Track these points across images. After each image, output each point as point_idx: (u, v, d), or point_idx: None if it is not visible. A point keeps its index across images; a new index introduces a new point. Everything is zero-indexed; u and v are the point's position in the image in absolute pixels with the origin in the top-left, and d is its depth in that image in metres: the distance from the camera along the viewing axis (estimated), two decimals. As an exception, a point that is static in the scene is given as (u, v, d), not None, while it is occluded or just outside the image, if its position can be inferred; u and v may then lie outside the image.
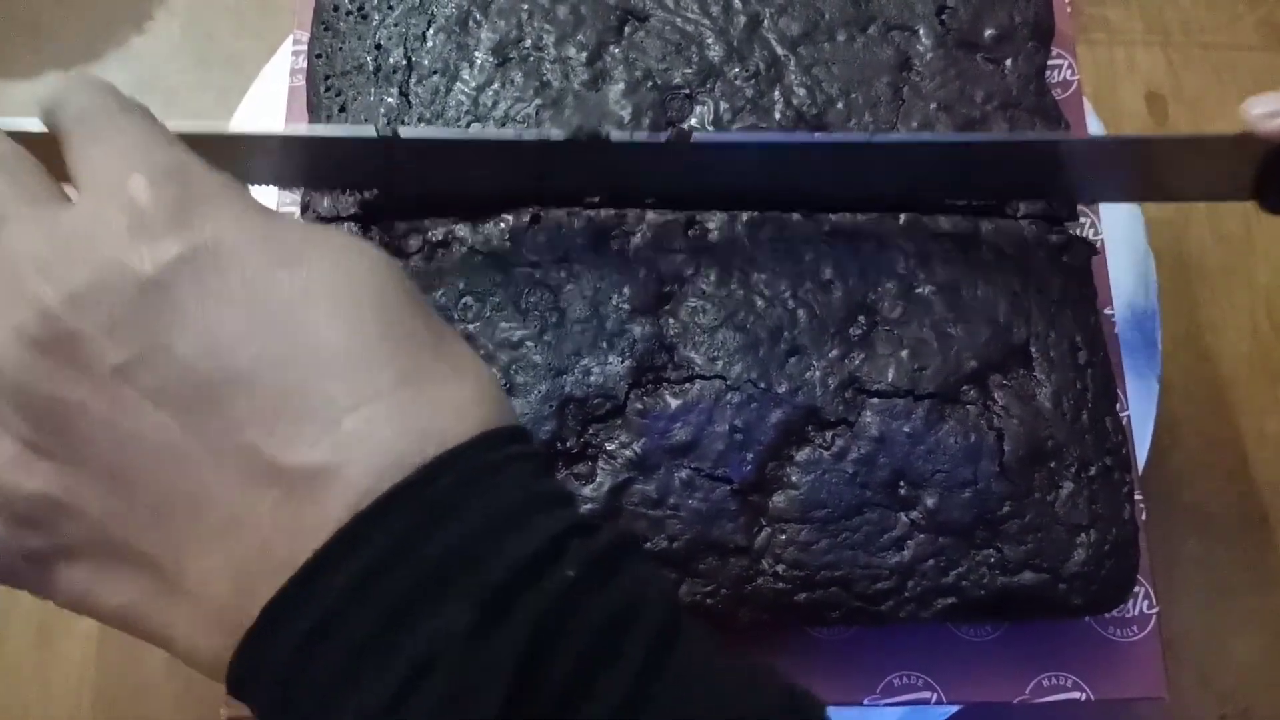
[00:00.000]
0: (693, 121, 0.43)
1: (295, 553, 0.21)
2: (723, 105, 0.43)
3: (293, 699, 0.22)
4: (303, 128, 0.41)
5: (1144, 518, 0.42)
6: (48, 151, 0.27)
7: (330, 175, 0.40)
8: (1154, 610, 0.41)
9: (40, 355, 0.23)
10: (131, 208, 0.23)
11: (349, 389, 0.22)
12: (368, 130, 0.36)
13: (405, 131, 0.37)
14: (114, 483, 0.23)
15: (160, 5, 0.63)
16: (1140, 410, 0.46)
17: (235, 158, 0.35)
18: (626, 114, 0.42)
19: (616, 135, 0.38)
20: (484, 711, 0.20)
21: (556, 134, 0.37)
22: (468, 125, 0.42)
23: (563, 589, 0.22)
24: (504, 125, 0.42)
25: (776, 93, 0.43)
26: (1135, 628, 0.41)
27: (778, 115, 0.43)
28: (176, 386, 0.22)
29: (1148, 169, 0.41)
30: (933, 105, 0.43)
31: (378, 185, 0.41)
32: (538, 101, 0.42)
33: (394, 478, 0.22)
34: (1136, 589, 0.40)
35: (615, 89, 0.43)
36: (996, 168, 0.41)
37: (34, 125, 0.29)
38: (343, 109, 0.43)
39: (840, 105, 0.43)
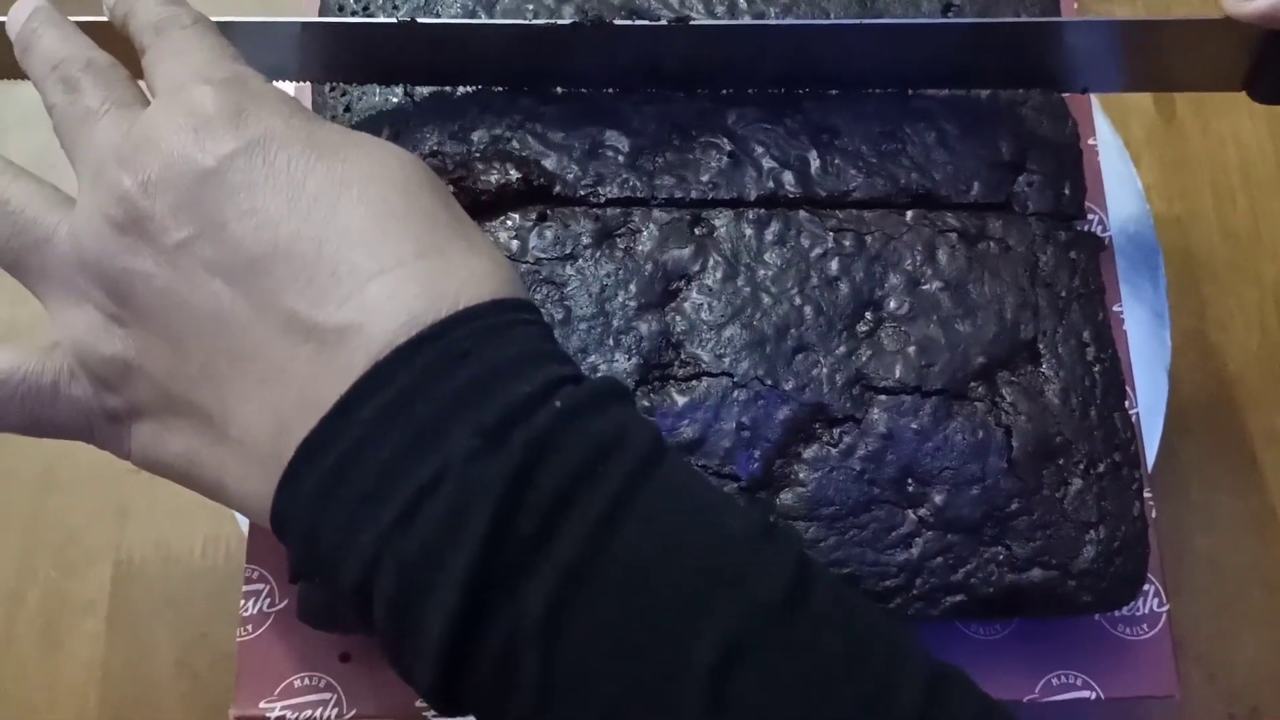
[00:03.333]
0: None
1: (326, 396, 0.25)
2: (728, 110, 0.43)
3: (320, 525, 0.25)
4: (323, 20, 0.43)
5: (1154, 515, 0.42)
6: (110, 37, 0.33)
7: (349, 66, 0.42)
8: (1164, 608, 0.41)
9: (117, 233, 0.27)
10: (198, 111, 0.28)
11: (374, 259, 0.26)
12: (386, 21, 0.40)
13: (422, 20, 0.40)
14: (172, 343, 0.27)
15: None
16: (1150, 407, 0.45)
17: (256, 46, 0.37)
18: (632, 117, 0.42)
19: (620, 21, 0.41)
20: (477, 525, 0.23)
21: (563, 21, 0.40)
22: (474, 128, 0.42)
23: (551, 421, 0.25)
24: (510, 128, 0.42)
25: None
26: (1145, 626, 0.41)
27: (784, 119, 0.42)
28: (228, 259, 0.26)
29: (1140, 55, 0.41)
30: (938, 104, 0.43)
31: (395, 77, 0.43)
32: (544, 108, 0.42)
33: (411, 331, 0.25)
34: (1146, 586, 0.39)
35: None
36: (990, 51, 0.41)
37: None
38: (348, 109, 0.43)
39: (846, 106, 0.43)
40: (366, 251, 0.26)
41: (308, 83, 0.44)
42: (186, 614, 0.51)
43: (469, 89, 0.43)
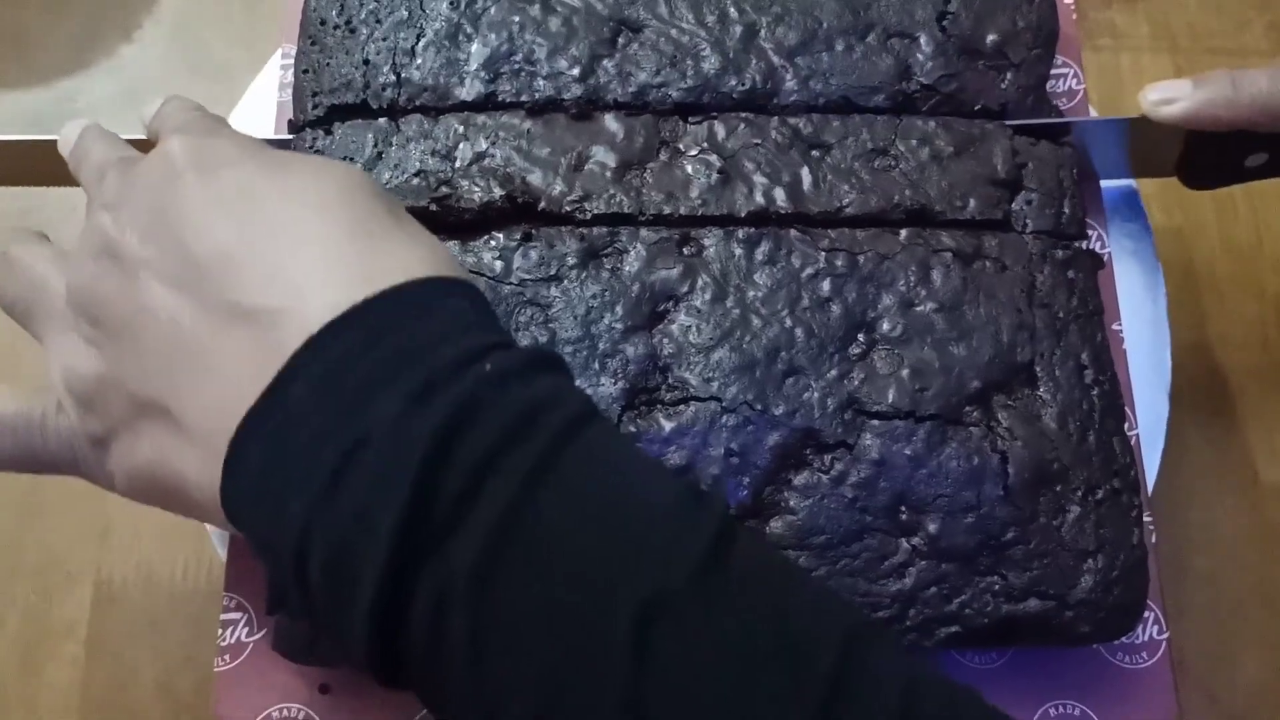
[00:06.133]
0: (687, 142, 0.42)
1: (263, 376, 0.26)
2: (718, 126, 0.42)
3: (260, 503, 0.26)
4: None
5: (1154, 540, 0.41)
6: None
7: None
8: (1164, 636, 0.40)
9: (94, 263, 0.30)
10: (169, 156, 0.30)
11: (308, 247, 0.28)
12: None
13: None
14: (136, 351, 0.29)
15: (148, 14, 0.62)
16: (1149, 427, 0.44)
17: None
18: (619, 133, 0.41)
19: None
20: (402, 484, 0.24)
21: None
22: (456, 145, 0.41)
23: (478, 382, 0.25)
24: (494, 144, 0.41)
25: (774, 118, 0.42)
26: (1145, 654, 0.40)
27: (775, 135, 0.41)
28: (180, 269, 0.28)
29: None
30: (932, 122, 0.42)
31: None
32: (528, 125, 0.41)
33: (341, 309, 0.26)
34: (1146, 614, 0.39)
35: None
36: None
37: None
38: (328, 132, 0.42)
39: (838, 123, 0.42)
40: (301, 241, 0.28)
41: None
42: (168, 636, 0.50)
43: (453, 113, 0.42)
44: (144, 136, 0.37)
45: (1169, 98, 0.41)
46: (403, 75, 0.42)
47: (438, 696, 0.26)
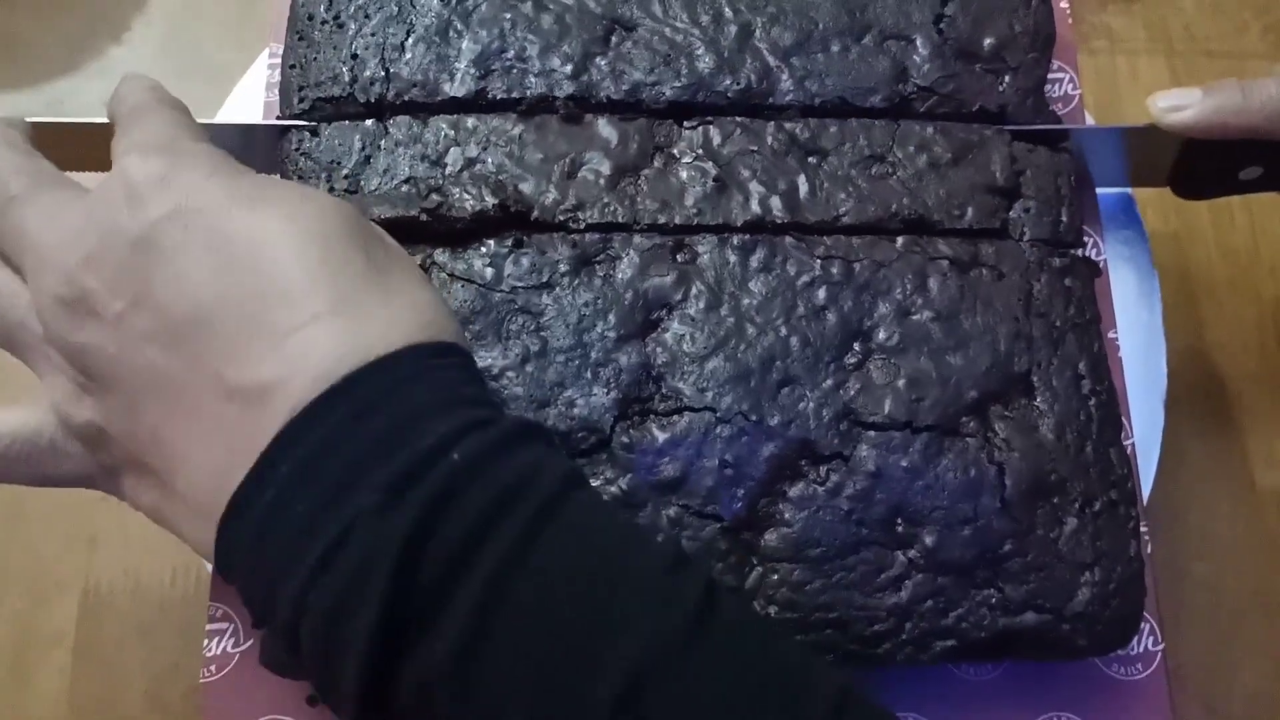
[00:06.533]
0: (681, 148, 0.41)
1: (251, 452, 0.26)
2: (713, 132, 0.41)
3: (253, 575, 0.27)
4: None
5: (1149, 550, 0.40)
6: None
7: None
8: (1159, 647, 0.40)
9: (69, 312, 0.29)
10: (126, 182, 0.29)
11: (290, 315, 0.27)
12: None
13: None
14: (129, 408, 0.29)
15: (139, 16, 0.61)
16: (1145, 436, 0.44)
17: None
18: (613, 139, 0.41)
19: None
20: (379, 580, 0.24)
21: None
22: (446, 150, 0.40)
23: (449, 474, 0.26)
24: (485, 149, 0.40)
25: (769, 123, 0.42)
26: (1140, 665, 0.40)
27: (771, 141, 0.41)
28: (159, 326, 0.28)
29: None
30: (930, 129, 0.42)
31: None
32: (520, 129, 0.41)
33: (324, 386, 0.26)
34: (1142, 625, 0.38)
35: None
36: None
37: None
38: (314, 133, 0.41)
39: (835, 129, 0.41)
40: (282, 309, 0.27)
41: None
42: (157, 644, 0.49)
43: (443, 114, 0.41)
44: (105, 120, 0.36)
45: (1178, 105, 0.41)
46: (391, 71, 0.42)
47: None
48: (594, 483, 0.36)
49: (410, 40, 0.42)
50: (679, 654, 0.25)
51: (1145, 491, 0.43)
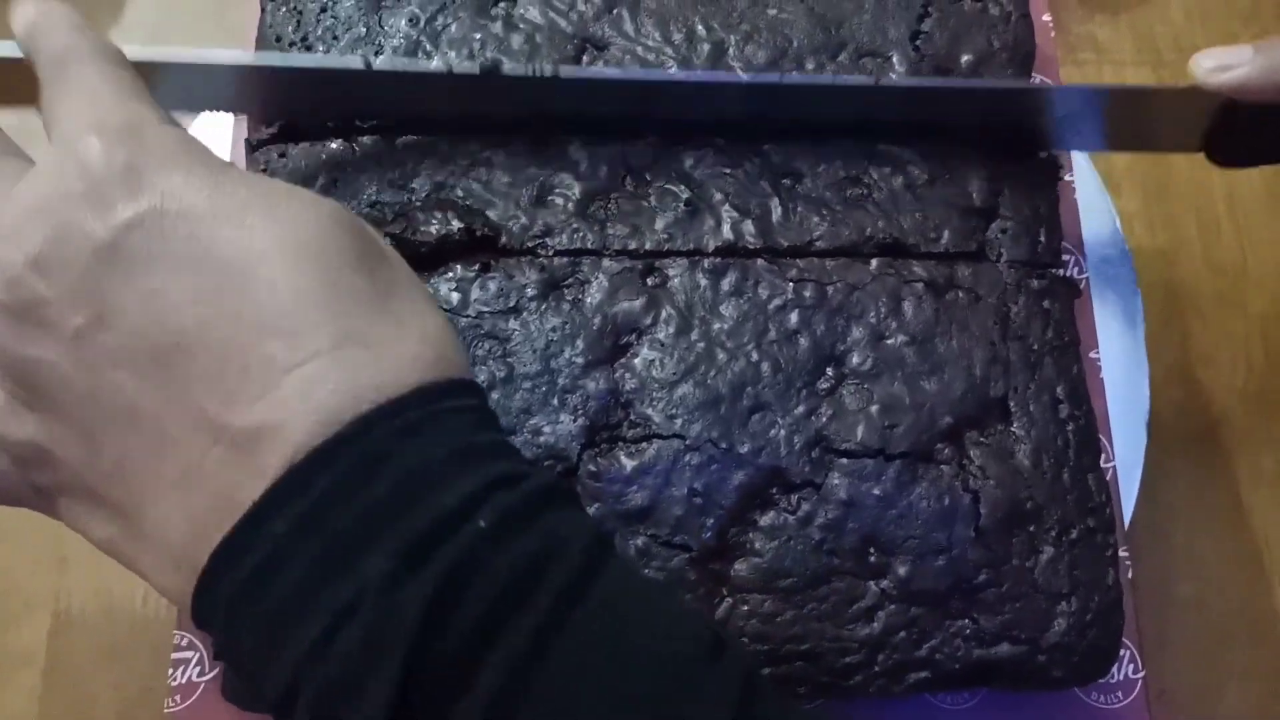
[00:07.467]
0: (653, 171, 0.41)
1: (240, 502, 0.23)
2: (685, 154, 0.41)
3: (239, 639, 0.24)
4: (244, 56, 0.40)
5: (1130, 575, 0.40)
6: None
7: (272, 105, 0.41)
8: (1139, 675, 0.39)
9: (13, 319, 0.25)
10: (88, 171, 0.25)
11: (288, 349, 0.24)
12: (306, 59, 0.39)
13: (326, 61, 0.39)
14: (84, 436, 0.25)
15: (115, 27, 0.61)
16: (1128, 455, 0.43)
17: (184, 85, 0.37)
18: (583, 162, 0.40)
19: (509, 69, 0.38)
20: (393, 658, 0.22)
21: (466, 66, 0.38)
22: (414, 173, 0.40)
23: (474, 540, 0.23)
24: (452, 173, 0.40)
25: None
26: (1121, 693, 0.39)
27: (745, 163, 0.40)
28: (130, 348, 0.24)
29: (1101, 118, 0.42)
30: (906, 149, 0.41)
31: (322, 114, 0.41)
32: (488, 153, 0.40)
33: (328, 432, 0.23)
34: (1122, 652, 0.38)
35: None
36: (957, 112, 0.41)
37: (14, 51, 0.31)
38: (282, 154, 0.40)
39: (809, 150, 0.41)
40: (279, 341, 0.24)
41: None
42: (128, 666, 0.49)
43: (411, 135, 0.40)
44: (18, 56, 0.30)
45: (1227, 64, 0.38)
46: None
47: None
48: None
49: (378, 61, 0.41)
50: None
51: (1128, 511, 0.42)
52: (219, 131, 0.47)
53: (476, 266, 0.38)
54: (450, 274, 0.38)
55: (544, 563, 0.23)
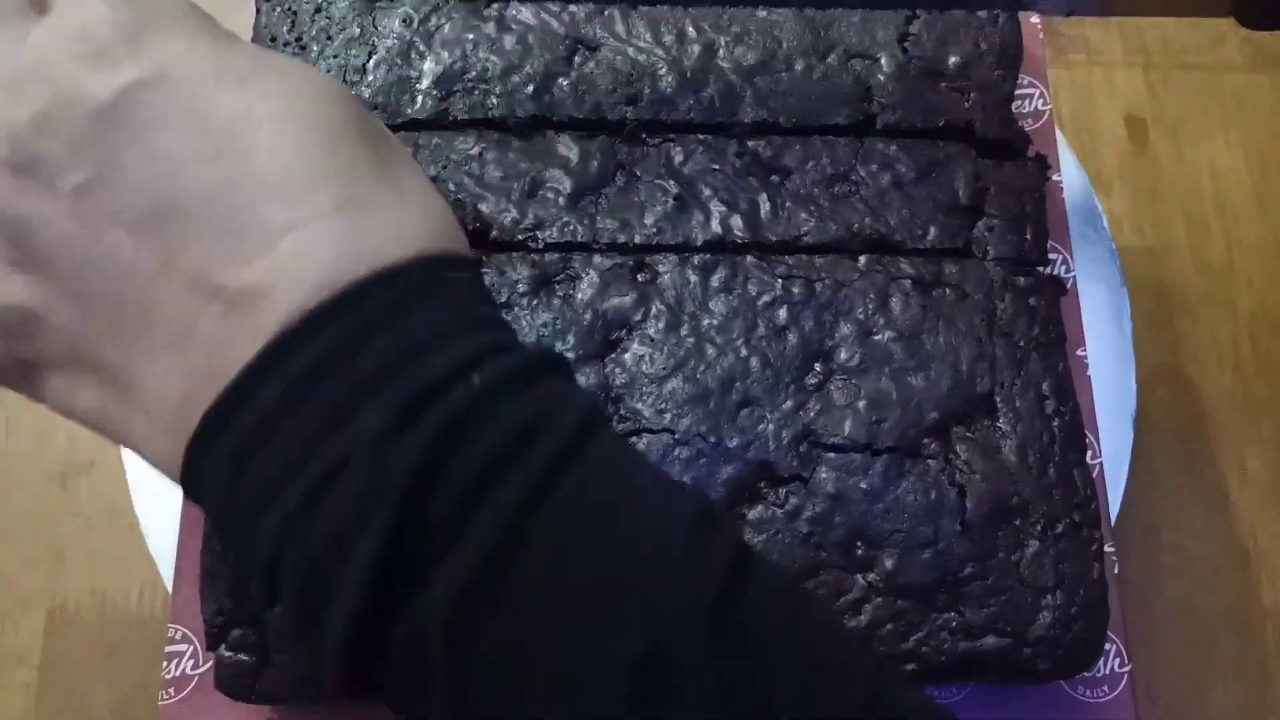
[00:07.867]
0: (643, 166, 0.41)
1: (233, 363, 0.23)
2: (675, 150, 0.41)
3: (230, 500, 0.23)
4: None
5: (1116, 571, 0.40)
6: None
7: None
8: (1125, 669, 0.40)
9: (11, 173, 0.24)
10: (92, 34, 0.24)
11: (287, 212, 0.24)
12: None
13: None
14: (77, 296, 0.24)
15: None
16: (1115, 453, 0.44)
17: None
18: (574, 157, 0.40)
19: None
20: (383, 512, 0.22)
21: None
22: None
23: (468, 400, 0.23)
24: (445, 168, 0.40)
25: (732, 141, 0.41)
26: (1106, 687, 0.39)
27: (734, 159, 0.41)
28: (130, 207, 0.24)
29: None
30: (893, 146, 0.41)
31: None
32: (480, 148, 0.41)
33: (324, 295, 0.23)
34: (1107, 646, 0.38)
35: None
36: None
37: None
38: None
39: (798, 147, 0.41)
40: (279, 203, 0.24)
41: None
42: (122, 663, 0.49)
43: (403, 130, 0.41)
44: None
45: None
46: (354, 92, 0.41)
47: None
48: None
49: (372, 62, 0.42)
50: (706, 625, 0.22)
51: (1115, 509, 0.43)
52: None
53: (468, 263, 0.39)
54: (442, 270, 0.38)
55: (536, 425, 0.23)
